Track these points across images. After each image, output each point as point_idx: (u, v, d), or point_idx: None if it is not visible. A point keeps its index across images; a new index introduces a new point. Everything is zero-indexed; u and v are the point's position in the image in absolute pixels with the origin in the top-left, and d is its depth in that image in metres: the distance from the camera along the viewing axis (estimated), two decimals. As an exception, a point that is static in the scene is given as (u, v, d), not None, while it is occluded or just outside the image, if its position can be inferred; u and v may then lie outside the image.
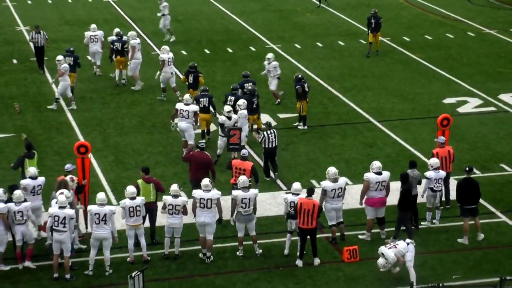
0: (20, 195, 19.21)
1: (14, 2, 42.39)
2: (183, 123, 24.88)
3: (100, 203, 18.75)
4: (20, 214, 19.08)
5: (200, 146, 21.91)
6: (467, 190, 20.27)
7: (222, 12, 41.07)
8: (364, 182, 20.30)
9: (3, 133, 26.62)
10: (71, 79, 29.06)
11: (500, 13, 40.71)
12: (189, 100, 25.04)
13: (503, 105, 29.27)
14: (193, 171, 21.64)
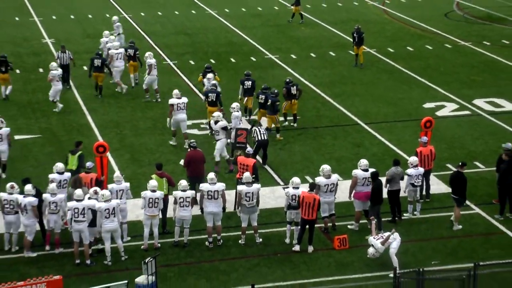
0: (54, 187, 19.27)
1: (40, 17, 42.35)
2: (181, 115, 25.45)
3: (106, 199, 18.66)
4: (55, 204, 19.14)
5: (192, 145, 22.04)
6: (456, 182, 20.39)
7: (226, 27, 41.03)
8: (352, 178, 20.27)
9: (31, 134, 26.58)
10: (99, 79, 29.81)
11: (474, 27, 40.66)
12: (178, 94, 25.71)
13: (476, 109, 29.21)
14: (191, 168, 21.61)
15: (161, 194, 19.38)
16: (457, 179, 20.47)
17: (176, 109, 25.44)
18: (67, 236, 19.45)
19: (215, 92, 26.56)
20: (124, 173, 23.41)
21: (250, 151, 21.66)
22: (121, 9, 44.63)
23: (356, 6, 45.38)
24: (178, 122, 25.55)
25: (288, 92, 27.02)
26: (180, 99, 25.59)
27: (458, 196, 20.41)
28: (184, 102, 25.58)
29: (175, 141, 25.82)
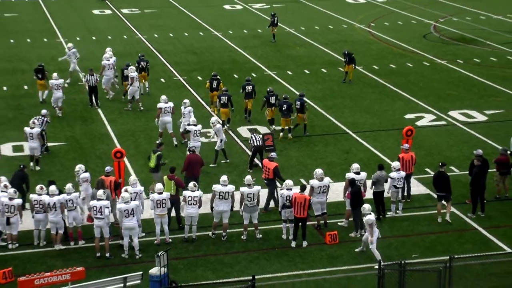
0: (70, 187, 19.28)
1: (65, 38, 42.30)
2: (167, 117, 26.04)
3: (125, 201, 18.63)
4: (71, 202, 19.13)
5: (192, 149, 22.12)
6: (439, 181, 20.38)
7: (230, 47, 41.01)
8: (346, 180, 20.22)
9: (57, 142, 26.52)
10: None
11: (449, 48, 40.63)
12: (166, 99, 26.30)
13: (452, 120, 29.17)
14: (190, 169, 21.60)
15: (167, 195, 19.32)
16: (440, 178, 20.45)
17: (163, 112, 26.07)
18: (90, 232, 19.42)
19: (227, 95, 27.38)
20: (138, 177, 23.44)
21: (274, 155, 21.58)
22: (137, 31, 44.62)
23: (345, 29, 45.37)
24: (164, 124, 26.14)
25: (267, 100, 27.37)
26: (167, 104, 26.20)
27: (445, 192, 20.41)
28: (170, 106, 26.12)
29: (161, 140, 25.99)
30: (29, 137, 24.05)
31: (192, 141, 24.41)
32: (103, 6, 52.61)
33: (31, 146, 24.11)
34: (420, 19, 47.49)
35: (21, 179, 21.06)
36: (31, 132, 24.03)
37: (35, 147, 24.00)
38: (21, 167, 21.45)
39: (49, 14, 49.47)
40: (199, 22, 47.25)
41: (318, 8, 51.78)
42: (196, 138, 24.33)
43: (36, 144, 23.97)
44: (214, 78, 29.38)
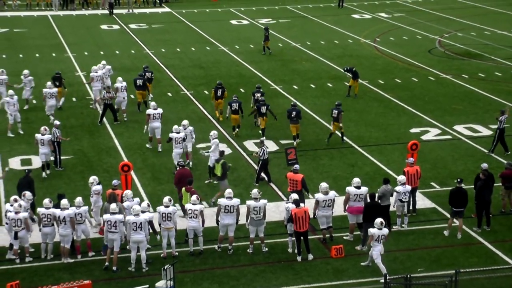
0: (80, 200, 19.29)
1: (74, 53, 42.48)
2: (156, 123, 26.83)
3: (135, 213, 18.63)
4: (80, 215, 19.13)
5: (180, 164, 22.16)
6: (457, 196, 20.18)
7: (236, 61, 41.08)
8: (346, 194, 20.19)
9: (65, 155, 26.46)
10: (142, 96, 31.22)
11: (454, 62, 40.62)
12: (155, 106, 27.19)
13: (457, 134, 29.11)
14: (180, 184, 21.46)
15: (174, 209, 19.32)
16: (458, 193, 20.32)
17: (152, 118, 26.80)
18: (97, 245, 19.40)
19: (237, 102, 28.40)
20: (145, 189, 23.44)
21: (297, 168, 21.53)
22: (144, 46, 44.76)
23: (351, 43, 45.42)
24: (153, 129, 26.87)
25: (259, 109, 28.01)
26: (156, 110, 26.97)
27: (462, 208, 20.31)
28: (159, 113, 26.96)
29: (151, 145, 27.01)
30: (40, 143, 24.53)
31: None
32: (111, 21, 52.83)
33: (42, 152, 24.58)
34: (426, 34, 47.51)
35: (27, 185, 21.04)
36: (42, 138, 24.49)
37: (46, 153, 24.56)
38: (27, 172, 21.50)
39: (58, 29, 49.68)
40: (206, 37, 47.38)
41: (323, 23, 51.87)
42: (178, 145, 24.74)
43: (47, 150, 24.53)
44: (219, 86, 30.12)
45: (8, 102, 28.74)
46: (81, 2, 58.03)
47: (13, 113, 28.62)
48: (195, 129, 29.32)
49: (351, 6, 58.82)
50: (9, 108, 28.68)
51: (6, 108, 28.91)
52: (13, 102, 28.63)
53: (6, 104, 28.93)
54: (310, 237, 19.90)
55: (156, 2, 59.51)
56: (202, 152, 25.01)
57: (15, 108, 28.62)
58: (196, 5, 59.76)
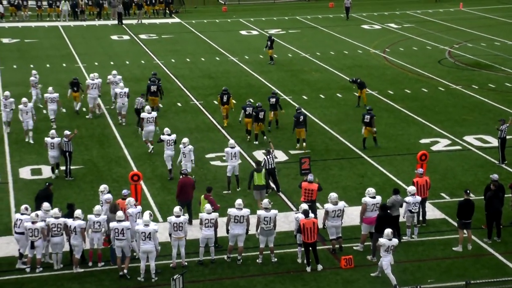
0: (98, 209, 19.34)
1: (84, 63, 42.65)
2: (150, 127, 27.58)
3: (145, 223, 18.64)
4: (98, 224, 19.18)
5: (183, 172, 22.10)
6: (466, 208, 20.11)
7: (246, 71, 41.16)
8: (362, 205, 20.12)
9: (74, 165, 26.53)
10: (155, 102, 31.64)
11: (464, 73, 40.55)
12: (149, 109, 28.11)
13: (467, 145, 29.02)
14: (182, 193, 21.50)
15: (185, 218, 19.31)
16: (467, 205, 20.23)
17: (146, 122, 27.54)
18: (107, 255, 19.42)
19: (251, 106, 28.97)
20: (154, 199, 23.45)
21: (311, 179, 21.49)
22: (154, 56, 44.92)
23: (360, 54, 45.43)
24: (148, 133, 27.60)
25: (257, 115, 28.53)
26: (150, 114, 27.71)
27: (471, 219, 20.23)
28: (153, 117, 27.67)
29: (152, 149, 27.62)
30: (50, 146, 25.18)
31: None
32: (122, 31, 53.06)
33: (52, 155, 25.22)
34: (435, 45, 47.48)
35: (46, 198, 21.09)
36: (52, 142, 25.19)
37: (55, 156, 25.20)
38: (47, 184, 21.55)
39: (69, 39, 49.94)
40: (215, 47, 47.51)
41: (333, 33, 51.93)
42: (169, 147, 25.15)
43: (57, 154, 25.16)
44: (224, 92, 30.80)
45: (21, 110, 29.11)
46: (94, 13, 58.29)
47: (26, 120, 29.04)
48: (205, 139, 29.45)
49: (361, 16, 58.87)
50: (22, 115, 29.14)
51: (20, 116, 29.32)
52: (26, 109, 29.03)
53: (19, 112, 29.30)
54: (320, 248, 19.85)
55: (166, 13, 59.74)
56: None
57: (28, 115, 29.00)
58: (206, 16, 59.96)
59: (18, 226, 19.35)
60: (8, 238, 20.42)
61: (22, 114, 29.13)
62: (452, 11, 61.12)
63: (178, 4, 62.41)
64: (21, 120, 29.30)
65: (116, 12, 56.33)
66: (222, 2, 66.57)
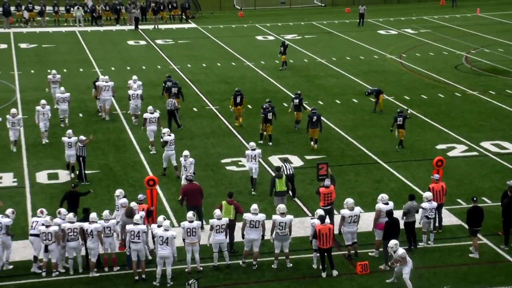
0: (107, 214, 19.41)
1: (101, 68, 42.83)
2: (153, 127, 28.09)
3: (165, 228, 18.68)
4: (109, 229, 19.26)
5: (188, 178, 22.00)
6: (475, 215, 20.03)
7: (261, 76, 41.19)
8: (376, 211, 20.05)
9: (91, 170, 26.69)
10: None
11: (481, 79, 40.35)
12: (152, 110, 28.51)
13: (483, 151, 28.85)
14: (189, 199, 21.43)
15: (198, 224, 19.33)
16: (476, 212, 20.14)
17: (149, 122, 28.11)
18: (123, 259, 19.47)
19: (272, 111, 29.35)
20: (170, 204, 23.51)
21: (328, 184, 21.49)
22: (170, 61, 45.06)
23: (376, 59, 45.34)
24: (151, 132, 27.99)
25: (265, 116, 28.93)
26: (152, 114, 28.20)
27: (479, 227, 20.14)
28: (155, 117, 28.20)
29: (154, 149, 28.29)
30: (67, 146, 25.74)
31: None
32: (138, 37, 53.29)
33: (68, 154, 25.78)
34: (452, 50, 47.29)
35: (75, 199, 21.20)
36: (69, 141, 25.75)
37: (72, 155, 25.64)
38: (73, 186, 21.65)
39: (86, 45, 50.21)
40: (231, 53, 47.59)
41: (349, 39, 51.86)
42: (170, 147, 25.66)
43: (73, 152, 25.55)
44: (237, 93, 31.17)
45: (38, 111, 29.37)
46: (111, 18, 58.57)
47: (44, 122, 29.40)
48: (221, 144, 29.48)
49: (377, 22, 58.77)
50: (39, 117, 29.37)
51: (36, 117, 29.55)
52: (43, 111, 29.32)
53: (36, 113, 29.52)
54: (335, 253, 19.79)
55: (183, 18, 59.94)
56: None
57: (45, 117, 29.35)
58: (222, 21, 60.08)
59: (33, 228, 19.50)
60: (24, 242, 20.52)
61: (39, 116, 29.35)
62: (469, 17, 60.87)
63: (194, 9, 62.59)
64: (37, 122, 29.53)
65: (133, 17, 56.59)
66: (238, 8, 66.68)
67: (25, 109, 34.10)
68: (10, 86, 38.82)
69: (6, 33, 54.16)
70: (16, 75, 41.22)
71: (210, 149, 29.03)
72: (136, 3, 58.12)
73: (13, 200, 23.96)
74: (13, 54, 47.16)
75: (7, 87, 38.63)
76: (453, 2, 66.08)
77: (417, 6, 67.15)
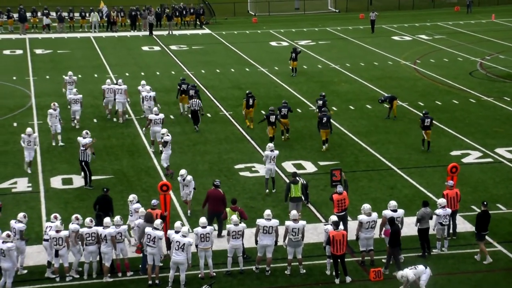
0: (118, 219, 19.46)
1: (115, 74, 42.99)
2: (157, 128, 28.47)
3: (183, 234, 18.69)
4: (120, 234, 19.30)
5: (216, 184, 21.95)
6: (484, 220, 19.93)
7: (275, 82, 41.20)
8: (382, 218, 19.99)
9: (105, 175, 26.80)
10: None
11: (495, 85, 40.17)
12: (157, 111, 29.14)
13: (498, 157, 28.70)
14: (210, 205, 21.51)
15: (211, 229, 19.34)
16: (485, 217, 20.06)
17: (153, 123, 28.62)
18: (136, 264, 19.49)
19: (287, 107, 30.19)
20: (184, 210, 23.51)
21: (340, 190, 21.47)
22: (184, 67, 45.17)
23: (390, 65, 45.25)
24: (154, 133, 28.48)
25: (268, 118, 29.21)
26: (157, 116, 28.80)
27: (487, 231, 20.05)
28: (160, 118, 28.77)
29: (154, 148, 28.94)
30: (82, 146, 25.77)
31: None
32: (152, 42, 53.48)
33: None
34: (467, 57, 47.11)
35: (107, 204, 21.21)
36: (84, 141, 25.85)
37: (88, 154, 25.79)
38: (105, 190, 21.60)
39: (100, 50, 50.45)
40: (245, 58, 47.65)
41: (363, 45, 51.80)
42: (168, 147, 26.25)
43: (89, 152, 25.81)
44: (249, 96, 31.79)
45: (50, 114, 29.76)
46: (125, 24, 58.82)
47: (54, 125, 29.77)
48: (235, 150, 29.49)
49: (391, 28, 58.67)
50: (51, 119, 29.79)
51: (48, 120, 30.00)
52: (55, 114, 29.72)
53: (48, 116, 29.91)
54: (348, 260, 19.72)
55: (197, 24, 60.09)
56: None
57: (56, 119, 29.75)
58: (236, 27, 60.19)
59: (46, 233, 19.58)
60: (39, 247, 20.59)
61: (51, 118, 29.76)
62: (484, 23, 60.63)
63: (208, 16, 62.75)
64: (49, 124, 29.94)
65: (147, 23, 56.80)
66: (252, 14, 66.78)
67: (40, 114, 34.28)
68: (26, 92, 39.05)
69: (22, 38, 54.53)
70: (31, 81, 41.47)
71: (224, 155, 29.04)
72: (151, 9, 58.36)
73: (27, 205, 24.08)
74: (28, 59, 47.47)
75: (22, 93, 38.87)
76: (468, 8, 65.87)
77: (431, 12, 67.00)
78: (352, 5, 69.02)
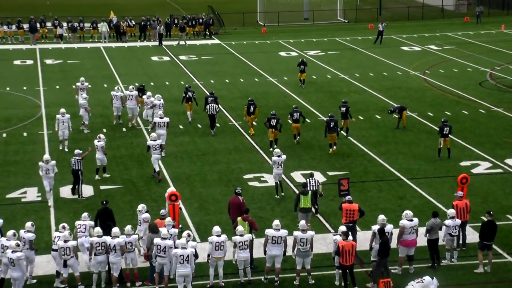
0: (129, 229, 19.50)
1: (124, 84, 43.12)
2: (162, 131, 29.45)
3: (183, 246, 18.68)
4: (130, 244, 19.33)
5: (237, 192, 22.03)
6: (489, 229, 19.91)
7: (284, 92, 41.24)
8: (400, 228, 19.94)
9: (114, 185, 26.88)
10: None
11: (505, 95, 40.08)
12: (162, 115, 29.95)
13: (508, 168, 28.61)
14: (231, 212, 21.67)
15: (225, 237, 19.34)
16: (491, 226, 20.01)
17: (158, 126, 29.55)
18: (145, 274, 19.50)
19: (298, 111, 31.08)
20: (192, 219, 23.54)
21: (350, 198, 21.44)
22: (193, 77, 45.28)
23: (400, 75, 45.24)
24: (159, 136, 28.59)
25: (269, 121, 30.09)
26: (162, 119, 29.67)
27: (492, 241, 20.00)
28: (165, 122, 29.66)
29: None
30: (96, 149, 27.04)
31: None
32: (162, 53, 53.64)
33: (97, 157, 27.20)
34: (476, 67, 47.05)
35: (108, 216, 21.17)
36: (96, 145, 27.16)
37: (100, 158, 27.16)
38: (104, 203, 21.58)
39: (110, 60, 50.65)
40: (254, 68, 47.73)
41: (372, 55, 51.81)
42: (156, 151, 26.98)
43: (101, 156, 27.11)
44: (251, 103, 32.58)
45: (58, 119, 30.29)
46: (135, 34, 59.06)
47: (62, 130, 30.30)
48: (244, 160, 29.51)
49: (400, 38, 58.68)
50: (59, 125, 30.28)
51: (56, 125, 30.52)
52: (63, 119, 30.23)
53: (56, 121, 30.43)
54: (357, 270, 19.68)
55: (206, 34, 60.27)
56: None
57: (64, 125, 30.24)
58: (246, 37, 60.33)
59: (55, 243, 19.62)
60: (48, 256, 20.65)
61: (58, 124, 30.19)
62: (494, 33, 60.56)
63: (218, 26, 62.93)
64: (57, 129, 30.36)
65: (156, 33, 57.01)
66: (261, 24, 66.93)
67: (50, 124, 34.38)
68: (36, 102, 39.24)
69: (32, 49, 54.82)
70: (41, 91, 41.66)
71: (233, 165, 29.07)
72: (160, 20, 58.58)
73: (37, 214, 24.16)
74: (38, 69, 47.71)
75: (32, 103, 39.06)
76: (477, 19, 65.83)
77: (441, 22, 66.98)
78: (361, 15, 69.08)
